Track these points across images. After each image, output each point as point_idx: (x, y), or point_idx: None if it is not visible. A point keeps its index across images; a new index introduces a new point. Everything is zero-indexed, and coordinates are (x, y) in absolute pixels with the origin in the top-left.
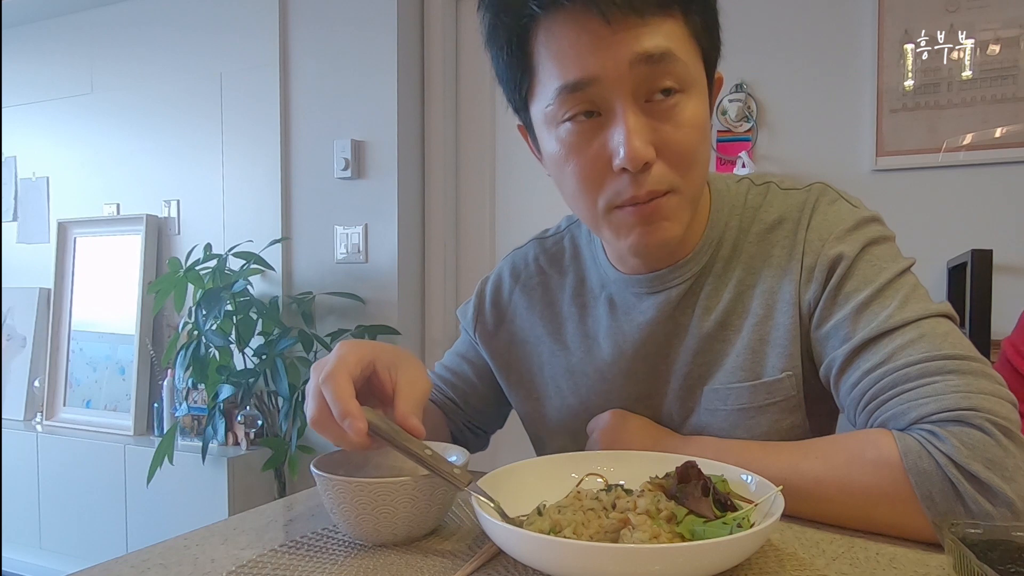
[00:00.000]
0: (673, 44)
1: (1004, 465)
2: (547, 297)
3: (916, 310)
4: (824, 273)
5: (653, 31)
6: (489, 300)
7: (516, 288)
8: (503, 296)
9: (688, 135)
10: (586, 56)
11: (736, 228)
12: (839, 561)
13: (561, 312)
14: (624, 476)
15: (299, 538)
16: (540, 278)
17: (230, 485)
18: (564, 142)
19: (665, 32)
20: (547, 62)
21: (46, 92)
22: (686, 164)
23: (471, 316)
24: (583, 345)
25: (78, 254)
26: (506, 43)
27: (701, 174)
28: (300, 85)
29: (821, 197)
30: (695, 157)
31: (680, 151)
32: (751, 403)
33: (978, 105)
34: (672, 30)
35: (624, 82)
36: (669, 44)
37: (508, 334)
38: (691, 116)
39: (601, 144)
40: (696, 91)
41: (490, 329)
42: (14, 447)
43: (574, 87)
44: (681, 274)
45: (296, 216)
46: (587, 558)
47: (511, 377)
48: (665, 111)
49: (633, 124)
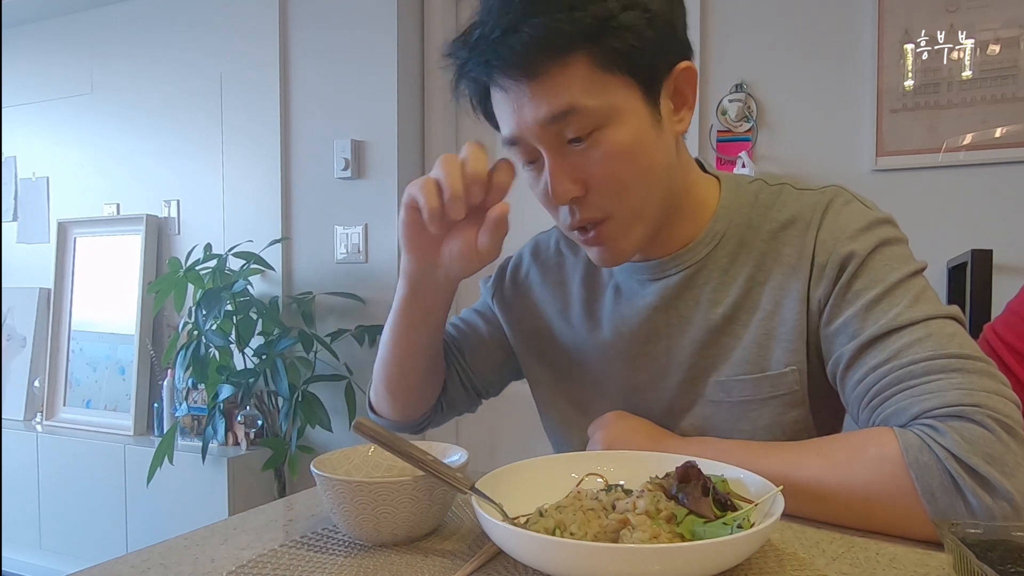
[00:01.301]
0: (573, 94)
1: (1004, 461)
2: (559, 276)
3: (925, 310)
4: (835, 271)
5: (550, 90)
6: (509, 274)
7: (534, 265)
8: (521, 272)
9: (611, 166)
10: (507, 120)
11: (744, 225)
12: (839, 561)
13: (570, 292)
14: (624, 476)
15: (299, 538)
16: (557, 259)
17: (230, 485)
18: (527, 176)
19: (563, 86)
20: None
21: (46, 92)
22: (616, 192)
23: (492, 284)
24: (587, 326)
25: (78, 254)
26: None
27: (642, 192)
28: (300, 85)
29: (835, 198)
30: (625, 181)
31: (606, 182)
32: (755, 395)
33: (978, 105)
34: (572, 78)
35: (541, 138)
36: (569, 99)
37: (522, 305)
38: (614, 146)
39: (544, 181)
40: (618, 119)
41: (507, 298)
42: (14, 447)
43: (511, 142)
44: (679, 263)
45: (296, 216)
46: (587, 558)
47: (523, 341)
48: (585, 151)
49: (554, 167)
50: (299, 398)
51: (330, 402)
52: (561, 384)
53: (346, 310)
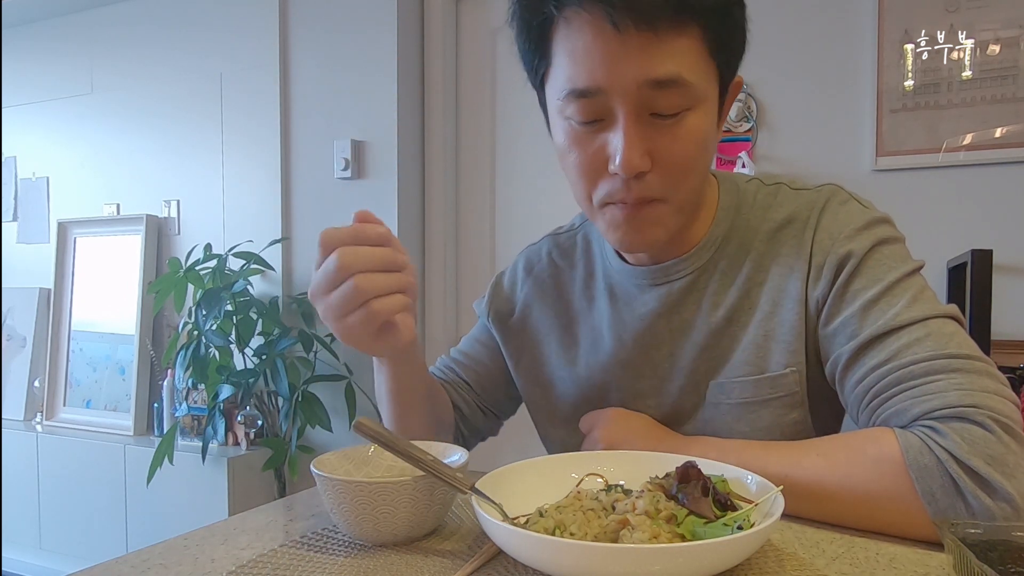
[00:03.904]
0: (684, 67)
1: (1005, 461)
2: (558, 291)
3: (923, 310)
4: (833, 271)
5: (665, 51)
6: (504, 291)
7: (529, 280)
8: (516, 288)
9: (686, 148)
10: (596, 67)
11: (744, 226)
12: (839, 561)
13: (573, 307)
14: (624, 476)
15: (299, 538)
16: (552, 271)
17: (230, 485)
18: (569, 135)
19: (678, 53)
20: (562, 58)
21: (46, 92)
22: (680, 175)
23: (486, 304)
24: (590, 338)
25: (78, 254)
26: (527, 28)
27: (696, 184)
28: (300, 85)
29: (832, 197)
30: (691, 169)
31: (675, 163)
32: (755, 397)
33: (978, 105)
34: (686, 48)
35: (629, 98)
36: (679, 69)
37: (519, 324)
38: (692, 130)
39: (601, 145)
40: (703, 106)
41: (503, 317)
42: (14, 447)
43: (581, 93)
44: (684, 268)
45: (296, 216)
46: (587, 558)
47: (520, 364)
48: (667, 126)
49: (631, 134)
50: (299, 398)
51: (330, 402)
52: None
53: None
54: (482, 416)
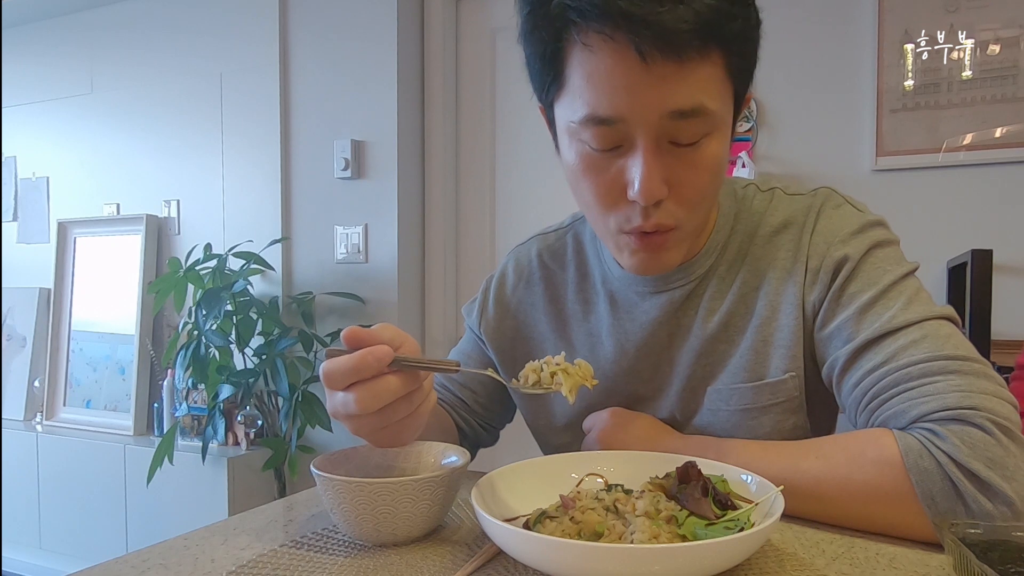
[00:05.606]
0: (706, 95)
1: (1004, 464)
2: (551, 293)
3: (919, 312)
4: (829, 275)
5: (689, 81)
6: (493, 296)
7: (520, 284)
8: (506, 292)
9: (702, 176)
10: (618, 96)
11: (741, 232)
12: (839, 561)
13: (566, 309)
14: (624, 476)
15: (299, 538)
16: (543, 273)
17: (230, 485)
18: (583, 159)
19: (701, 80)
20: (579, 81)
21: (46, 92)
22: (695, 202)
23: (476, 313)
24: (587, 343)
25: (78, 254)
26: (541, 48)
27: (708, 208)
28: (300, 85)
29: (827, 201)
30: (706, 195)
31: (692, 191)
32: (754, 403)
33: (978, 105)
34: (709, 76)
35: (651, 128)
36: (703, 98)
37: (512, 330)
38: (709, 156)
39: (618, 171)
40: (721, 131)
41: (493, 324)
42: (14, 447)
43: (601, 121)
44: (685, 276)
45: (296, 216)
46: (587, 558)
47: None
48: (685, 153)
49: (651, 164)
50: (299, 398)
51: None
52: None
53: (346, 310)
54: (483, 432)
